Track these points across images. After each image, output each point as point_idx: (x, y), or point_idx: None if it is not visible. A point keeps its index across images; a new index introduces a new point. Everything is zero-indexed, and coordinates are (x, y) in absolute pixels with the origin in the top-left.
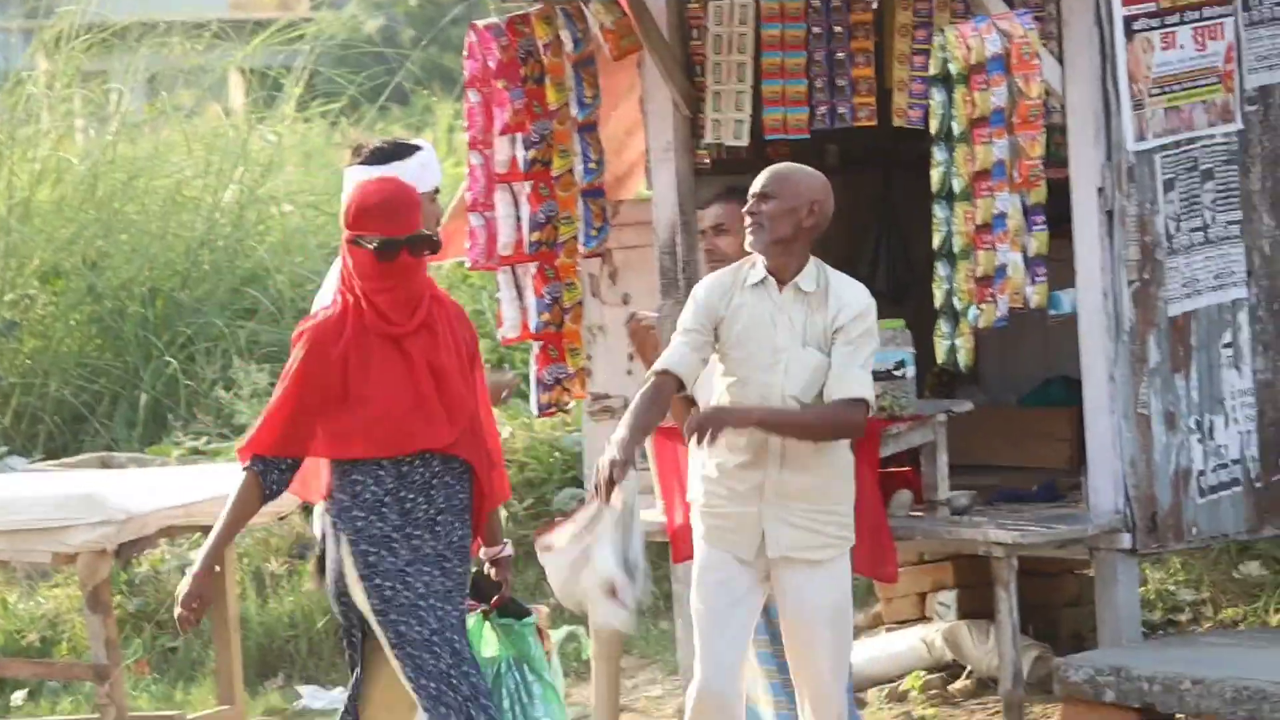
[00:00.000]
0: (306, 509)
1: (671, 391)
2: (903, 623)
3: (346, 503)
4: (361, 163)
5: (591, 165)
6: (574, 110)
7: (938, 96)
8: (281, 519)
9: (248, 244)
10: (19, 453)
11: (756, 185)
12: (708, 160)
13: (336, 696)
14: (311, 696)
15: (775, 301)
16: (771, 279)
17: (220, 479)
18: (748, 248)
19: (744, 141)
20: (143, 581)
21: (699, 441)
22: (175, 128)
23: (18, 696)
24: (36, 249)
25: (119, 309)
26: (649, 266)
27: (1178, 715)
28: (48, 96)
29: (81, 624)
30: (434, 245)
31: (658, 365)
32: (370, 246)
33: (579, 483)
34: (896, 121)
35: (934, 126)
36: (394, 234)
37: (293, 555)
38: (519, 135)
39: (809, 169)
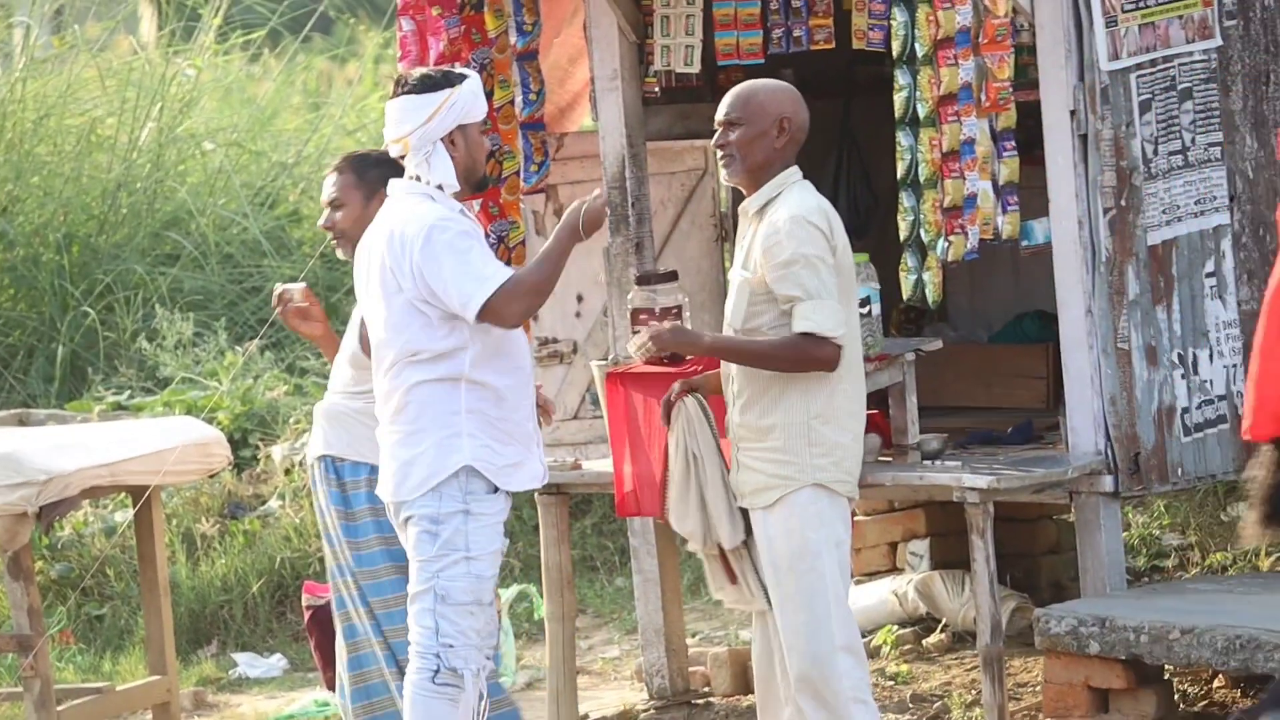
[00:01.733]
0: (238, 467)
1: None
2: (872, 575)
3: None
4: (407, 91)
5: (532, 96)
6: (513, 38)
7: (899, 17)
8: (212, 477)
9: (168, 185)
10: None
11: (720, 112)
12: (656, 89)
13: (274, 664)
14: (247, 664)
15: (742, 228)
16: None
17: (145, 435)
18: (724, 181)
19: (695, 68)
20: (65, 546)
21: (645, 356)
22: (86, 63)
23: None
24: None
25: (32, 256)
26: None
27: (1166, 666)
28: None
29: (2, 592)
30: None
31: None
32: None
33: None
34: (856, 44)
35: (896, 48)
36: None
37: (224, 516)
38: (456, 65)
39: (773, 83)
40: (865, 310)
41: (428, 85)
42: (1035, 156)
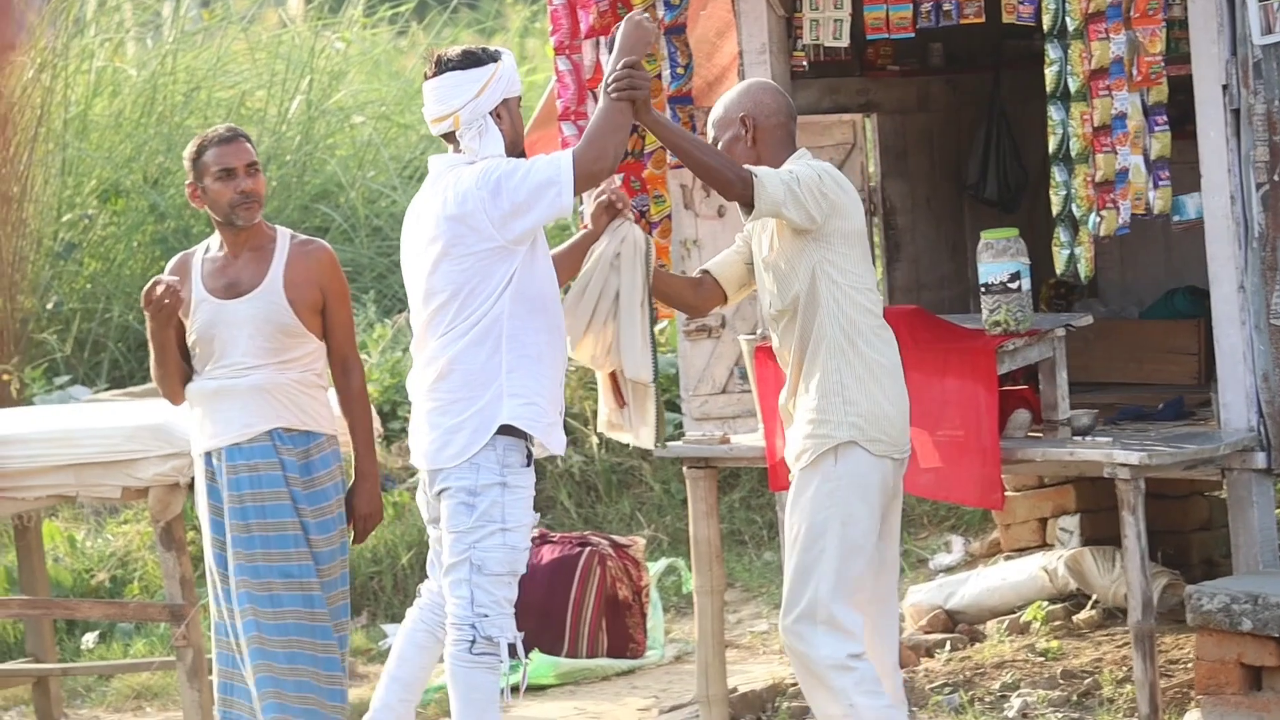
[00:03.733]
0: (387, 439)
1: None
2: (1022, 550)
3: None
4: (453, 68)
5: (679, 70)
6: (661, 12)
7: None
8: None
9: (317, 158)
10: (82, 382)
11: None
12: (805, 63)
13: None
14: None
15: (756, 226)
16: None
17: None
18: None
19: (844, 42)
20: None
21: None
22: (235, 36)
23: (89, 639)
24: (95, 166)
25: (183, 229)
26: None
27: None
28: (99, 5)
29: (154, 562)
30: None
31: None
32: None
33: (675, 407)
34: (1006, 17)
35: (1047, 22)
36: None
37: None
38: (603, 39)
39: (736, 86)
40: (1015, 285)
41: (473, 61)
42: (1187, 131)
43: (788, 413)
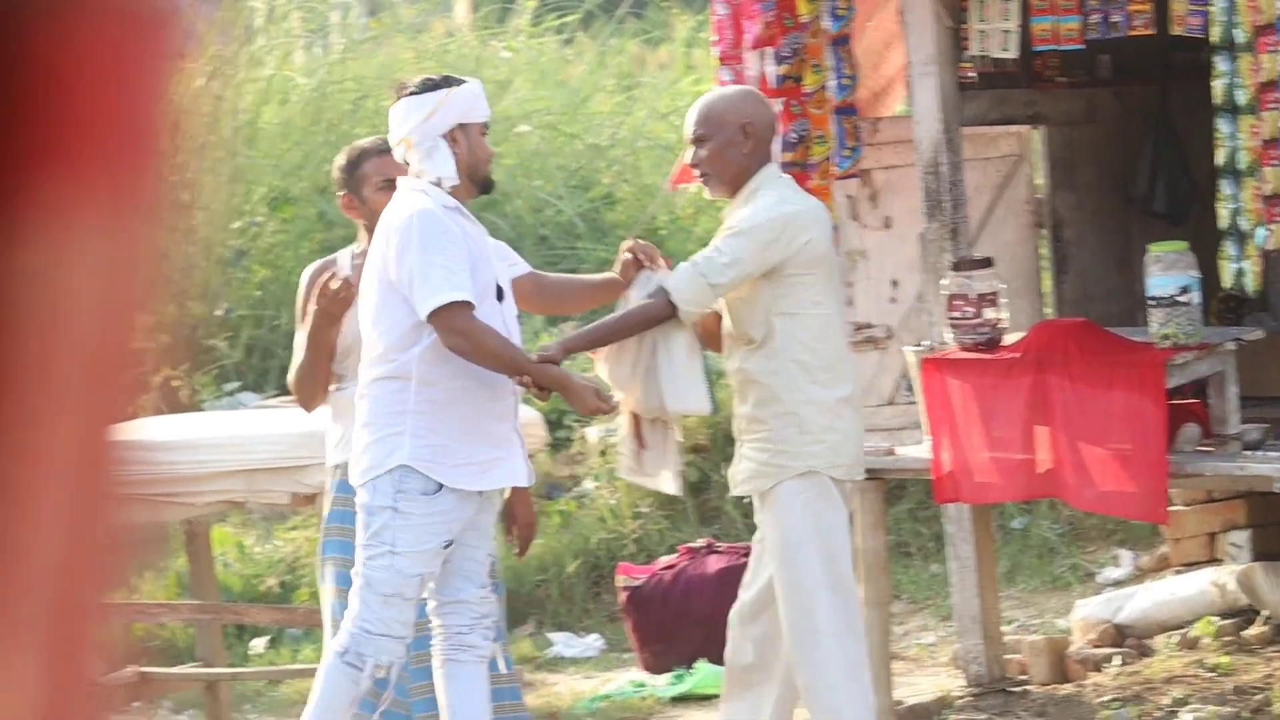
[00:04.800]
0: (554, 448)
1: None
2: (1192, 565)
3: None
4: (410, 94)
5: (845, 81)
6: (827, 23)
7: (1219, 2)
8: (529, 458)
9: None
10: (251, 389)
11: (688, 131)
12: (972, 74)
13: (590, 644)
14: (564, 644)
15: None
16: None
17: None
18: (709, 197)
19: (1012, 53)
20: None
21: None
22: (402, 45)
23: (257, 644)
24: (264, 174)
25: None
26: (911, 187)
27: None
28: (268, 14)
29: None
30: None
31: None
32: None
33: None
34: (1175, 29)
35: (1215, 34)
36: None
37: (541, 496)
38: (769, 50)
39: (729, 90)
40: (1184, 298)
41: (428, 86)
42: None
43: (740, 426)
